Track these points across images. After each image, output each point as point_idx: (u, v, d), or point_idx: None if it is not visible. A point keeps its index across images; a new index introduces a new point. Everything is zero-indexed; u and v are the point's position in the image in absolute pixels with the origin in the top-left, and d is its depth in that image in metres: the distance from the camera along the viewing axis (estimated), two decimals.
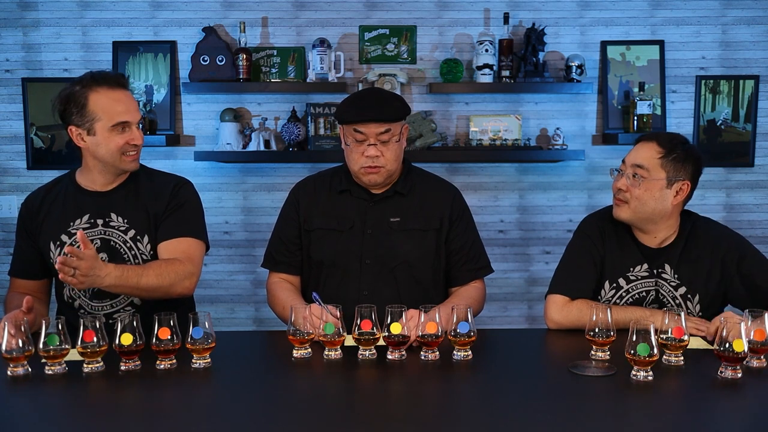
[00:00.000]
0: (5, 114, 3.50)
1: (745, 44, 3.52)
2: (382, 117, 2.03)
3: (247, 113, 3.52)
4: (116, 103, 2.00)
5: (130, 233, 2.09)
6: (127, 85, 2.07)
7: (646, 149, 2.02)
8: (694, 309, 2.05)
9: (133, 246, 2.09)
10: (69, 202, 2.11)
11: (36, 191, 2.18)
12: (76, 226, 2.07)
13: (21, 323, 1.68)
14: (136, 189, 2.13)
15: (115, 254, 2.08)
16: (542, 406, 1.48)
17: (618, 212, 2.06)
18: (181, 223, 2.10)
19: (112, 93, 2.00)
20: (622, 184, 2.03)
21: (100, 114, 1.99)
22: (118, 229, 2.09)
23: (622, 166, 2.06)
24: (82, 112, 2.00)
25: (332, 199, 2.19)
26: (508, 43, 3.38)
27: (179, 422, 1.43)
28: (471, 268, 2.19)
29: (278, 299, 2.13)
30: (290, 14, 3.48)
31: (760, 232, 3.57)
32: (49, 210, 2.11)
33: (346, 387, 1.65)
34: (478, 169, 3.57)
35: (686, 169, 2.00)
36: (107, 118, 1.99)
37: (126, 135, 2.02)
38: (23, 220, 2.14)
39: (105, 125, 2.00)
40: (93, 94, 1.99)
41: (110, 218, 2.09)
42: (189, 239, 2.09)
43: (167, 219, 2.10)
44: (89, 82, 2.00)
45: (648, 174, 1.99)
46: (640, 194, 2.00)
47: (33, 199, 2.15)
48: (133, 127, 2.03)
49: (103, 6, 3.45)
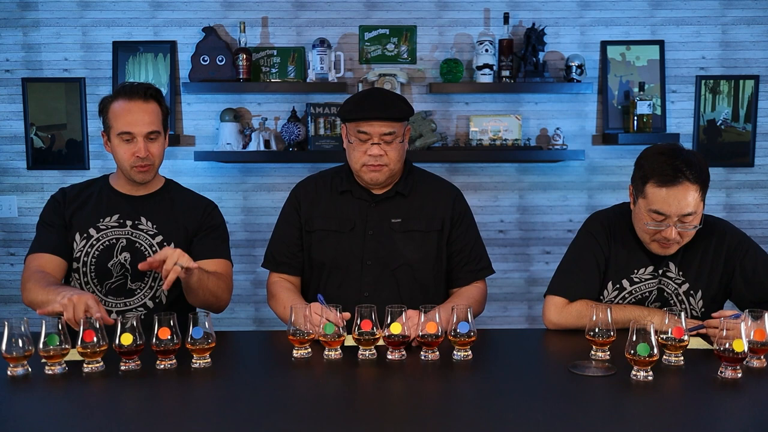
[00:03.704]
0: (5, 114, 3.50)
1: (745, 44, 3.52)
2: (387, 116, 2.03)
3: (247, 113, 3.52)
4: (125, 113, 2.06)
5: (157, 238, 2.15)
6: (148, 98, 2.09)
7: (686, 195, 1.87)
8: (697, 305, 2.05)
9: (158, 251, 2.09)
10: (102, 200, 2.18)
11: (72, 186, 2.24)
12: (105, 222, 2.14)
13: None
14: (168, 200, 2.21)
15: (138, 256, 2.12)
16: (542, 406, 1.48)
17: (666, 252, 1.99)
18: (218, 245, 2.21)
19: (125, 103, 2.07)
20: (674, 234, 1.92)
21: (112, 122, 2.08)
22: (146, 233, 2.15)
23: (657, 217, 1.91)
24: (104, 118, 2.11)
25: (333, 199, 2.18)
26: (508, 43, 3.38)
27: (179, 422, 1.43)
28: (472, 269, 2.19)
29: (279, 299, 2.13)
30: (290, 14, 3.48)
31: (760, 232, 3.58)
32: (82, 204, 2.17)
33: (346, 387, 1.65)
34: (478, 169, 3.57)
35: (709, 181, 1.95)
36: (115, 127, 2.08)
37: (132, 146, 2.07)
38: (58, 204, 2.17)
39: (114, 133, 2.08)
40: (113, 102, 2.09)
41: (140, 221, 2.15)
42: (224, 261, 2.19)
43: (204, 239, 2.19)
44: (117, 91, 2.11)
45: (695, 214, 1.91)
46: (691, 233, 1.96)
47: (70, 190, 2.21)
48: (138, 140, 2.06)
49: (103, 6, 3.45)
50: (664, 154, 1.92)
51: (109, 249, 2.13)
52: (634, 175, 2.00)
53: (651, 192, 1.90)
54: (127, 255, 2.13)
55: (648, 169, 1.92)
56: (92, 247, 2.13)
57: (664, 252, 1.99)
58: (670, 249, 1.98)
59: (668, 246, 1.97)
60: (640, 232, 2.00)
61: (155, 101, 2.10)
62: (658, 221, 1.92)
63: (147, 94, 2.08)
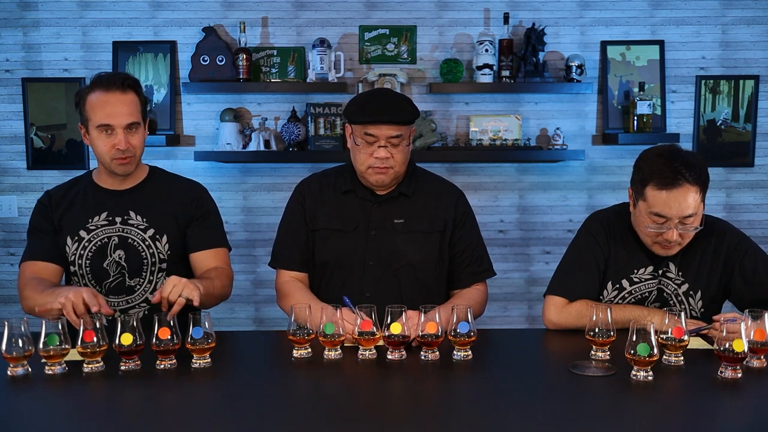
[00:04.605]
0: (5, 114, 3.50)
1: (745, 44, 3.52)
2: (395, 119, 2.02)
3: (247, 113, 3.52)
4: (103, 105, 2.01)
5: (149, 232, 2.12)
6: (126, 88, 2.03)
7: (686, 197, 1.87)
8: (696, 306, 2.05)
9: (152, 245, 2.12)
10: (88, 199, 2.14)
11: (57, 187, 2.20)
12: (95, 222, 2.11)
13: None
14: (155, 189, 2.17)
15: (132, 252, 2.11)
16: (542, 406, 1.48)
17: (667, 253, 1.99)
18: (212, 233, 2.20)
19: (103, 95, 2.01)
20: (675, 236, 1.91)
21: (90, 114, 2.03)
22: (137, 227, 2.12)
23: (658, 219, 1.90)
24: (81, 111, 2.06)
25: (337, 199, 2.18)
26: (508, 43, 3.38)
27: (179, 422, 1.43)
28: (473, 270, 2.18)
29: (294, 299, 2.05)
30: (290, 14, 3.48)
31: (760, 232, 3.58)
32: (69, 206, 2.14)
33: (346, 387, 1.65)
34: (478, 169, 3.57)
35: (708, 181, 1.95)
36: (93, 120, 2.03)
37: (111, 139, 2.03)
38: (45, 208, 2.14)
39: (93, 126, 2.03)
40: (90, 94, 2.03)
41: (129, 216, 2.12)
42: (221, 249, 2.20)
43: (197, 229, 2.17)
44: (93, 83, 2.05)
45: (696, 215, 1.92)
46: (692, 235, 1.96)
47: (56, 192, 2.18)
48: (117, 131, 2.01)
49: (103, 6, 3.45)
50: (662, 156, 1.91)
51: (101, 249, 2.11)
52: (634, 178, 1.99)
53: (651, 195, 1.90)
54: (121, 252, 2.11)
55: (647, 171, 1.91)
56: (85, 249, 2.10)
57: (666, 253, 1.99)
58: (672, 250, 1.98)
59: (670, 247, 1.97)
60: (642, 234, 2.00)
61: (133, 91, 2.05)
62: (659, 224, 1.92)
63: (125, 84, 2.03)
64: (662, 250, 1.99)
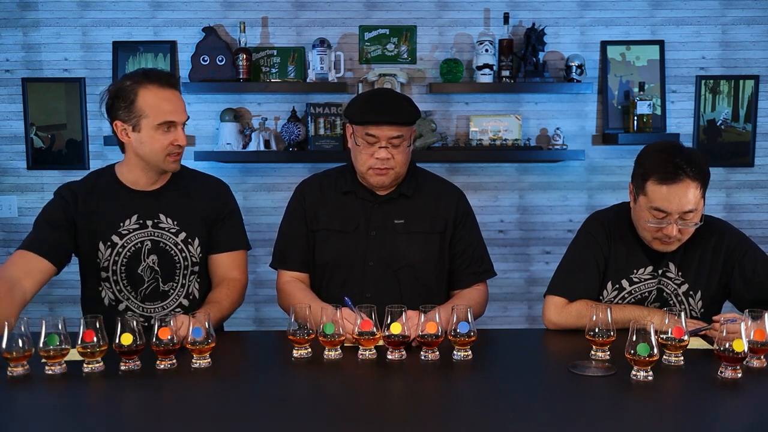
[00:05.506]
0: (5, 114, 3.50)
1: (745, 44, 3.52)
2: (397, 120, 2.02)
3: (247, 113, 3.52)
4: (164, 102, 1.98)
5: (181, 236, 2.09)
6: (177, 86, 2.05)
7: (687, 192, 1.87)
8: (696, 306, 2.05)
9: (184, 249, 2.09)
10: (116, 200, 2.07)
11: (79, 184, 2.10)
12: (126, 227, 2.06)
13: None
14: (185, 189, 2.13)
15: (165, 257, 2.08)
16: (542, 406, 1.48)
17: (666, 249, 1.99)
18: (235, 233, 2.18)
19: (161, 91, 1.98)
20: (675, 231, 1.91)
21: (147, 111, 1.97)
22: (168, 231, 2.08)
23: (658, 214, 1.90)
24: (130, 107, 1.97)
25: (337, 199, 2.18)
26: (508, 43, 3.38)
27: (179, 422, 1.43)
28: (474, 271, 2.18)
29: (295, 299, 2.05)
30: (290, 14, 3.48)
31: (760, 232, 3.58)
32: (96, 206, 2.06)
33: (346, 387, 1.65)
34: (478, 169, 3.57)
35: (709, 178, 1.94)
36: (154, 116, 1.97)
37: (170, 135, 2.00)
38: (69, 205, 2.04)
39: (151, 123, 1.98)
40: (143, 90, 1.97)
41: (159, 219, 2.08)
42: (240, 252, 2.19)
43: (222, 228, 2.15)
44: (140, 78, 1.98)
45: (696, 211, 1.91)
46: (691, 230, 1.96)
47: (80, 190, 2.08)
48: (179, 128, 2.01)
49: (103, 6, 3.45)
50: (664, 152, 1.92)
51: (135, 254, 2.06)
52: (635, 173, 1.99)
53: (652, 189, 1.90)
54: (154, 257, 2.07)
55: (648, 166, 1.92)
56: (119, 255, 2.06)
57: (665, 249, 1.99)
58: (671, 246, 1.98)
59: (670, 243, 1.97)
60: (641, 230, 2.00)
61: (177, 88, 2.06)
62: (659, 218, 1.92)
63: (173, 80, 2.03)
64: (662, 246, 1.98)
